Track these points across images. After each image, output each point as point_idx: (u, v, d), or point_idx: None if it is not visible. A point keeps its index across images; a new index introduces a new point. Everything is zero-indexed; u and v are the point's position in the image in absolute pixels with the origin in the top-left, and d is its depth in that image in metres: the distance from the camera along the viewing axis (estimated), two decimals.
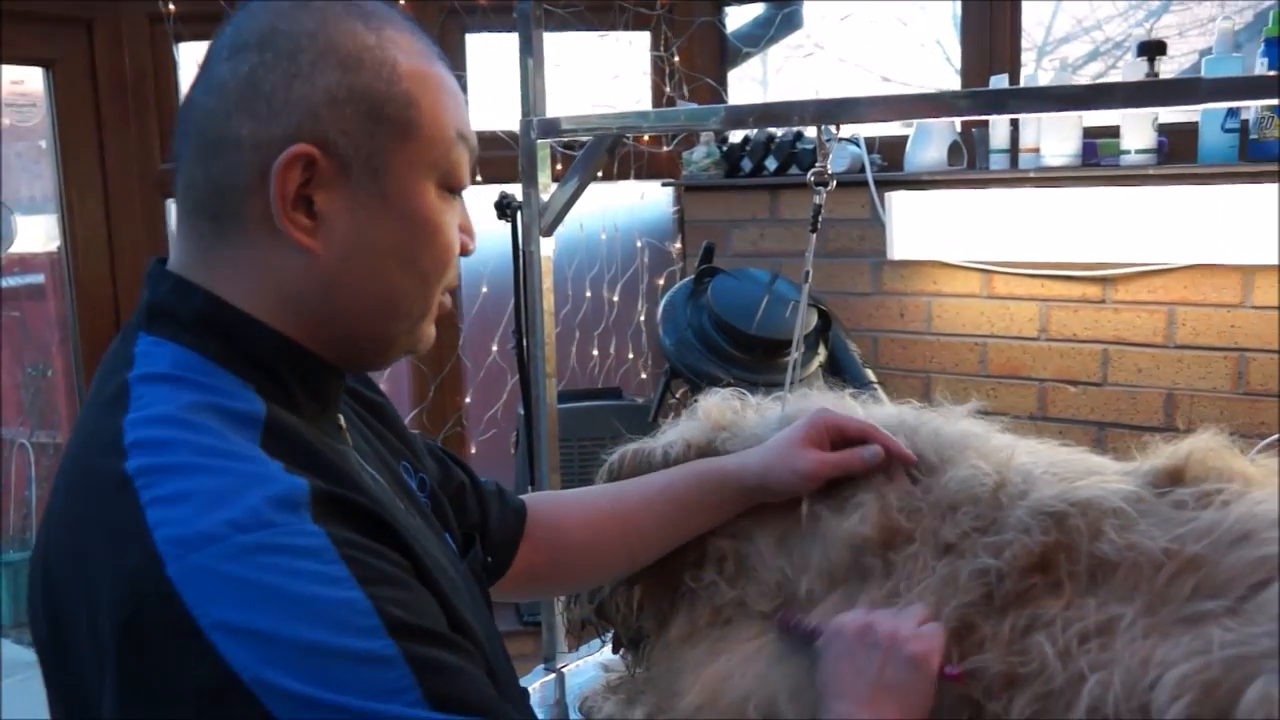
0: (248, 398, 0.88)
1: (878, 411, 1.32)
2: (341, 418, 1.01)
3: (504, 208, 1.96)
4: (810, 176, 1.46)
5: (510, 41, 1.83)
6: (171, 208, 2.82)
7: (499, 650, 1.04)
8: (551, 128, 1.75)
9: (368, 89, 0.89)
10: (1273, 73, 2.06)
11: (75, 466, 0.87)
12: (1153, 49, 2.37)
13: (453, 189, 0.97)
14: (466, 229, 1.00)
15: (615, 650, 1.51)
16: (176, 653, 0.74)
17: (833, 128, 1.48)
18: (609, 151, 1.78)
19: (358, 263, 0.91)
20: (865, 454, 1.23)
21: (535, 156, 1.78)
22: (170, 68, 2.78)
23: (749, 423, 1.38)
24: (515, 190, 1.88)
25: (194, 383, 0.87)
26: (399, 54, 0.91)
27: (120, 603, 0.76)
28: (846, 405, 1.34)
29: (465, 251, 1.00)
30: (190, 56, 2.83)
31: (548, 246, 1.82)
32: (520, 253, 1.92)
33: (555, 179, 1.82)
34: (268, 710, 0.73)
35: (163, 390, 0.86)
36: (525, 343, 1.91)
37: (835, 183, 1.48)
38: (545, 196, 1.80)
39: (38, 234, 5.48)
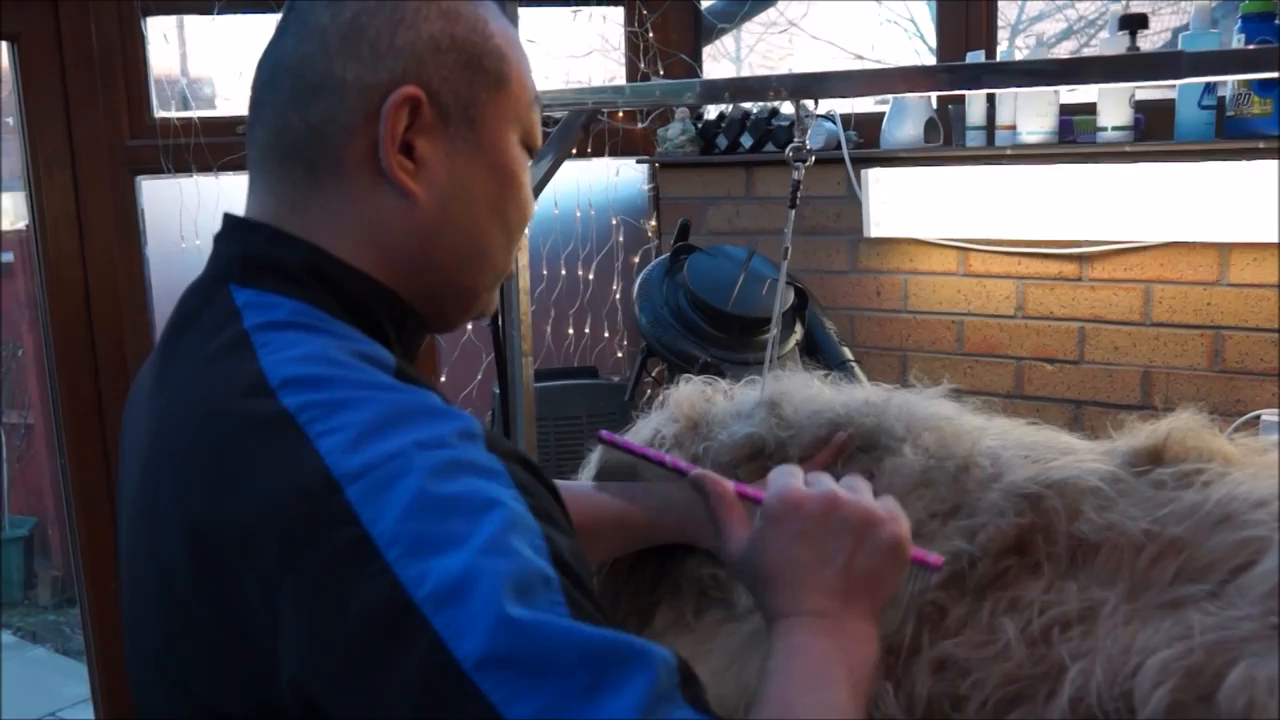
0: (375, 345, 0.87)
1: (845, 394, 1.31)
2: None
3: None
4: (789, 152, 1.45)
5: None
6: (142, 185, 2.79)
7: None
8: None
9: (467, 40, 0.91)
10: (1252, 47, 2.05)
11: (207, 415, 0.81)
12: (1134, 22, 2.35)
13: (530, 148, 0.99)
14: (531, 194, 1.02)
15: None
16: (349, 570, 0.71)
17: (810, 103, 1.46)
18: (583, 128, 1.76)
19: (454, 210, 0.93)
20: None
21: None
22: (138, 41, 2.73)
23: (720, 412, 1.36)
24: None
25: (322, 329, 0.86)
26: (489, 15, 0.95)
27: (290, 525, 0.73)
28: (815, 388, 1.32)
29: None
30: (158, 30, 2.79)
31: None
32: None
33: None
34: (436, 632, 0.69)
35: (293, 335, 0.84)
36: (501, 321, 1.90)
37: (814, 158, 1.47)
38: None
39: (6, 211, 5.41)
